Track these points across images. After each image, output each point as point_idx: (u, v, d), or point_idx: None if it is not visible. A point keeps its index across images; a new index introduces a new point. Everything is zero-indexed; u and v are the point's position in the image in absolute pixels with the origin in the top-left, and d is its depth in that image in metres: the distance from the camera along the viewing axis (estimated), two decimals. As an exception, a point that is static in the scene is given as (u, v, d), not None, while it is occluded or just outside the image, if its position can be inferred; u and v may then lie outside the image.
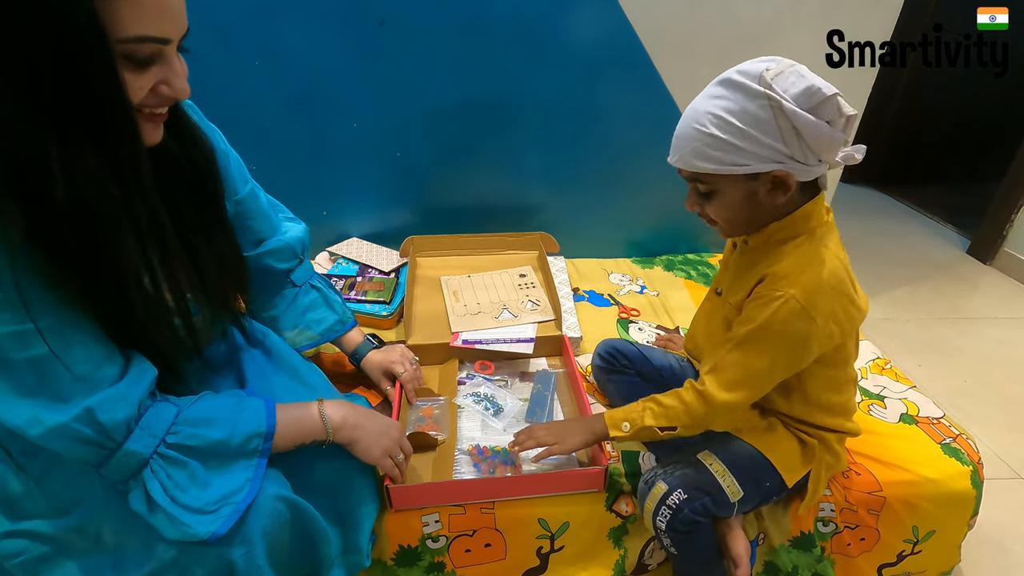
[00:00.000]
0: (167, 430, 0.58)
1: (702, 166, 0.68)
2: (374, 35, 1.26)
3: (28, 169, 0.46)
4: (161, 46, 0.50)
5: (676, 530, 0.78)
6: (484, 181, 1.49)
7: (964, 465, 0.96)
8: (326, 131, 1.35)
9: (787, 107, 0.62)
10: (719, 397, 0.74)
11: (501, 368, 1.13)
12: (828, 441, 0.83)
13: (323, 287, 0.98)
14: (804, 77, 0.63)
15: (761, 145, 0.65)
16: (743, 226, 0.75)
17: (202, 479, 0.59)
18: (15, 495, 0.60)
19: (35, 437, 0.52)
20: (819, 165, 0.68)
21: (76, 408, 0.52)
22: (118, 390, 0.55)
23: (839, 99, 0.63)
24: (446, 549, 0.86)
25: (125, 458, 0.56)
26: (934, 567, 1.01)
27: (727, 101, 0.65)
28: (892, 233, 2.59)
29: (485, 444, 0.94)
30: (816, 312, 0.69)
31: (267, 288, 0.93)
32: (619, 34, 1.32)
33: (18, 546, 0.59)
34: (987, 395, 1.62)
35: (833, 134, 0.64)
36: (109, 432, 0.54)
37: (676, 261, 1.60)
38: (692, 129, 0.68)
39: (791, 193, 0.69)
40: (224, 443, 0.61)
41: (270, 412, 0.66)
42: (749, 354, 0.73)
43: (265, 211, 0.88)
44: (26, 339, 0.50)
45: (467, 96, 1.36)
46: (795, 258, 0.71)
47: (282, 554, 0.67)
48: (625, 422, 0.80)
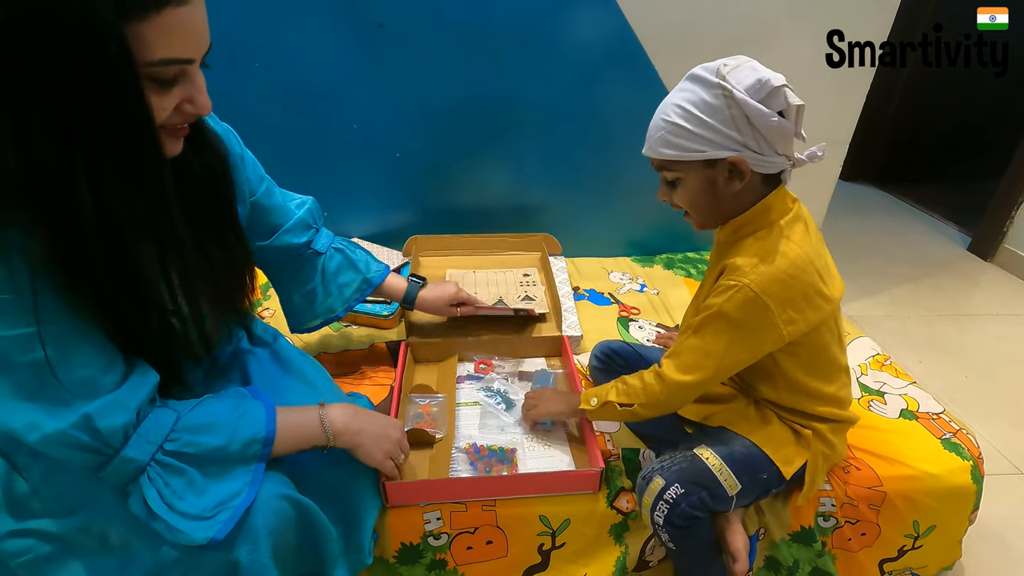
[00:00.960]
0: (165, 437, 0.58)
1: (665, 152, 0.74)
2: (374, 37, 1.26)
3: (54, 190, 0.47)
4: (185, 66, 0.51)
5: (674, 525, 0.78)
6: (484, 181, 1.49)
7: (964, 460, 0.96)
8: (327, 132, 1.36)
9: (738, 96, 0.67)
10: (675, 378, 0.78)
11: (501, 368, 1.14)
12: (822, 432, 0.83)
13: (346, 248, 0.99)
14: (756, 71, 0.68)
15: (716, 132, 0.70)
16: (707, 214, 0.78)
17: (200, 486, 0.59)
18: (21, 495, 0.60)
19: (33, 442, 0.52)
20: (777, 157, 0.71)
21: (75, 415, 0.53)
22: (117, 397, 0.55)
23: (786, 90, 0.67)
24: (448, 546, 0.86)
25: (122, 465, 0.56)
26: (935, 562, 1.02)
27: (689, 93, 0.71)
28: (893, 231, 2.59)
29: (482, 443, 0.94)
30: (770, 300, 0.71)
31: (295, 266, 0.95)
32: (618, 35, 1.33)
33: (24, 545, 0.60)
34: (987, 391, 1.62)
35: (782, 123, 0.68)
36: (106, 439, 0.54)
37: (676, 259, 1.61)
38: (660, 120, 0.74)
39: (747, 180, 0.72)
40: (223, 449, 0.61)
41: (270, 417, 0.65)
42: (705, 338, 0.76)
43: (280, 204, 0.90)
44: (30, 343, 0.50)
45: (467, 97, 1.37)
46: (755, 249, 0.74)
47: (287, 552, 0.67)
48: (594, 397, 0.86)
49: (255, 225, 0.87)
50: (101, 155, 0.48)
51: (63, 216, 0.48)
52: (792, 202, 0.77)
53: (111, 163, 0.49)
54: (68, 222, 0.48)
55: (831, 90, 1.37)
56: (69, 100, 0.45)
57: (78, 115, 0.46)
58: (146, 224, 0.53)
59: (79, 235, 0.49)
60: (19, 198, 0.47)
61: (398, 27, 1.26)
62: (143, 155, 0.51)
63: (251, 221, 0.84)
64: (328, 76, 1.29)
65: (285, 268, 0.96)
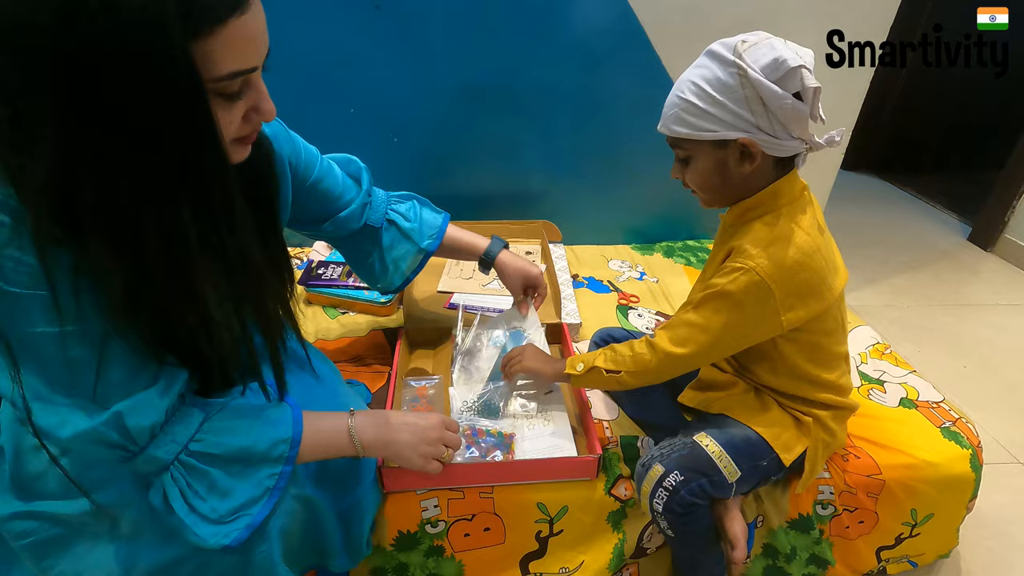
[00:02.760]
0: (191, 438, 0.58)
1: (677, 130, 0.72)
2: (371, 19, 1.24)
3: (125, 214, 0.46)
4: (249, 75, 0.49)
5: (673, 512, 0.78)
6: (483, 167, 1.48)
7: (964, 448, 0.96)
8: (323, 117, 1.34)
9: (752, 75, 0.65)
10: (667, 348, 0.78)
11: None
12: (822, 419, 0.83)
13: (399, 218, 0.96)
14: (774, 49, 0.66)
15: (729, 112, 0.68)
16: (716, 194, 0.77)
17: (223, 487, 0.58)
18: (30, 475, 0.59)
19: (65, 439, 0.52)
20: (791, 140, 0.69)
21: (106, 412, 0.52)
22: (148, 396, 0.55)
23: (804, 71, 0.65)
24: (445, 533, 0.86)
25: (146, 462, 0.56)
26: (932, 550, 1.02)
27: (705, 70, 0.69)
28: (893, 220, 2.58)
29: (480, 426, 0.94)
30: (775, 285, 0.71)
31: (355, 243, 0.95)
32: (621, 20, 1.31)
33: (28, 527, 0.58)
34: (986, 381, 1.62)
35: (797, 106, 0.66)
36: (134, 437, 0.54)
37: (675, 247, 1.60)
38: (675, 96, 0.72)
39: (758, 163, 0.70)
40: (248, 449, 0.60)
41: (296, 420, 0.64)
42: (704, 314, 0.76)
43: (339, 186, 0.89)
44: (66, 341, 0.50)
45: (466, 81, 1.35)
46: (763, 234, 0.73)
47: (293, 548, 0.67)
48: (580, 363, 0.85)
49: (314, 210, 0.87)
50: (169, 182, 0.47)
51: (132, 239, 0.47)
52: (802, 188, 0.76)
53: (181, 191, 0.48)
54: (136, 245, 0.47)
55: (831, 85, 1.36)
56: (141, 126, 0.44)
57: (150, 141, 0.45)
58: (213, 246, 0.52)
59: (145, 257, 0.48)
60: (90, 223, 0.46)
61: (395, 8, 1.24)
62: (213, 182, 0.50)
63: (310, 207, 0.84)
64: (324, 59, 1.27)
65: (345, 244, 0.96)
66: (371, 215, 0.93)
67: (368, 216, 0.93)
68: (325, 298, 1.26)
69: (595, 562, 0.90)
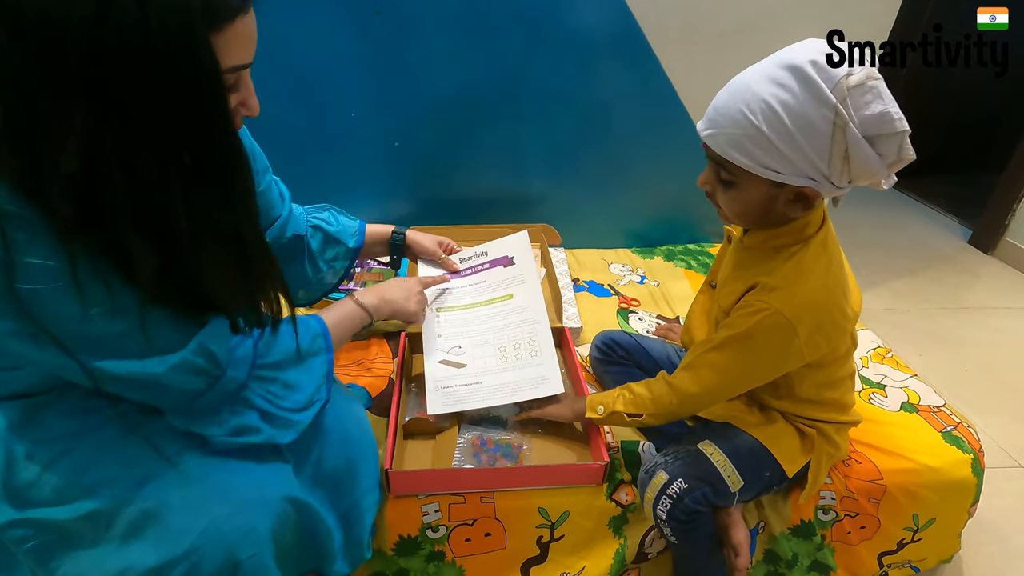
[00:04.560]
0: (254, 355, 0.64)
1: (736, 157, 0.63)
2: (371, 24, 1.24)
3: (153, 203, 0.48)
4: (243, 71, 0.53)
5: (677, 519, 0.78)
6: (483, 171, 1.48)
7: (965, 453, 0.96)
8: (323, 121, 1.35)
9: (851, 131, 0.57)
10: (689, 390, 0.77)
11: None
12: (827, 432, 0.82)
13: (321, 223, 0.99)
14: (882, 99, 0.57)
15: (804, 158, 0.60)
16: (747, 222, 0.73)
17: (293, 384, 0.67)
18: (23, 484, 0.59)
19: (160, 374, 0.56)
20: (847, 187, 0.64)
21: (190, 343, 0.57)
22: (215, 326, 0.59)
23: (906, 138, 0.57)
24: (446, 538, 0.86)
25: (227, 383, 0.61)
26: (934, 555, 1.02)
27: (789, 95, 0.58)
28: (893, 223, 2.58)
29: (489, 436, 0.94)
30: (800, 326, 0.69)
31: (285, 254, 0.96)
32: (620, 23, 1.31)
33: (26, 534, 0.59)
34: (988, 384, 1.62)
35: (879, 167, 0.59)
36: (219, 360, 0.59)
37: (676, 251, 1.60)
38: (739, 112, 0.61)
39: (811, 208, 0.67)
40: (295, 351, 0.69)
41: (316, 318, 0.74)
42: (727, 357, 0.74)
43: (275, 195, 0.91)
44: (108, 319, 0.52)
45: (466, 85, 1.35)
46: (787, 269, 0.70)
47: (287, 551, 0.67)
48: (600, 405, 0.85)
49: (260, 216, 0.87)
50: (194, 171, 0.49)
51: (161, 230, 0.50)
52: (823, 215, 0.72)
53: (204, 174, 0.50)
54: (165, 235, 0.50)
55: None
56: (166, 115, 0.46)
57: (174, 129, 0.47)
58: (231, 236, 0.55)
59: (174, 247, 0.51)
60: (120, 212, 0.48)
61: (395, 13, 1.24)
62: (232, 167, 0.53)
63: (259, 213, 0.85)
64: (324, 64, 1.27)
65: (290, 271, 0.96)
66: (296, 224, 0.96)
67: (295, 226, 0.95)
68: (325, 302, 1.25)
69: (596, 567, 0.90)
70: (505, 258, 1.09)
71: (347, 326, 0.81)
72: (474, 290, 1.06)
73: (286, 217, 0.93)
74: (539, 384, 0.91)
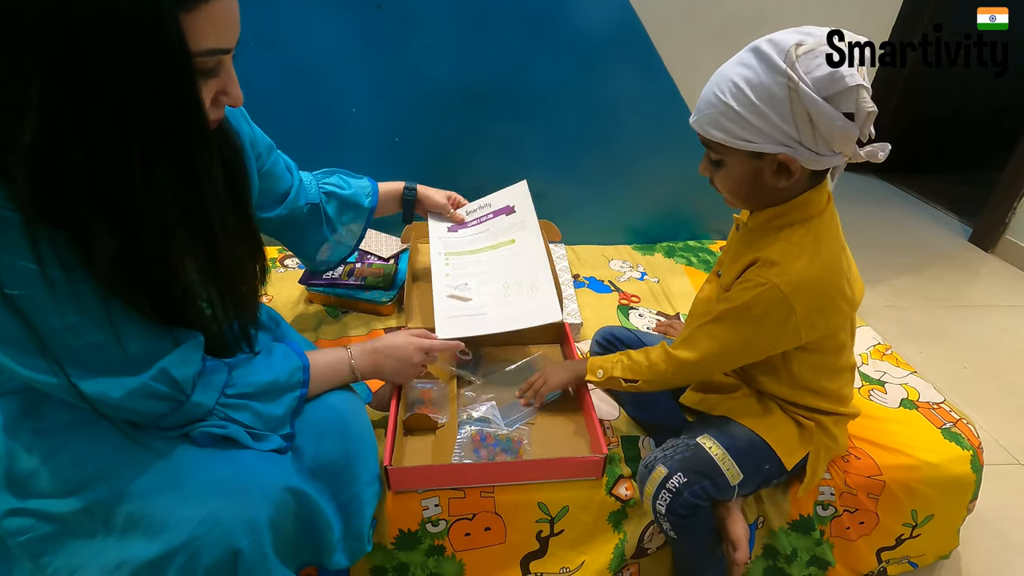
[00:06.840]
0: (224, 383, 0.64)
1: (713, 134, 0.68)
2: (372, 18, 1.24)
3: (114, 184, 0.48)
4: (223, 56, 0.51)
5: (676, 513, 0.78)
6: (484, 167, 1.47)
7: (964, 450, 0.96)
8: (324, 116, 1.34)
9: (803, 91, 0.60)
10: (684, 358, 0.78)
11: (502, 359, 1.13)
12: (825, 424, 0.83)
13: (334, 189, 1.02)
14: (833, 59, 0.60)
15: (772, 125, 0.63)
16: (745, 200, 0.75)
17: (263, 415, 0.67)
18: (23, 473, 0.59)
19: (117, 399, 0.56)
20: (833, 156, 0.66)
21: (151, 369, 0.57)
22: (183, 351, 0.60)
23: (862, 91, 0.60)
24: (446, 533, 0.86)
25: (192, 409, 0.61)
26: (932, 551, 1.02)
27: (749, 71, 0.63)
28: (894, 221, 2.58)
29: (489, 431, 0.94)
30: (798, 303, 0.69)
31: (302, 224, 0.99)
32: (622, 18, 1.31)
33: (23, 524, 0.59)
34: (987, 382, 1.62)
35: (847, 127, 0.61)
36: (182, 386, 0.59)
37: (677, 248, 1.60)
38: (712, 94, 0.67)
39: (795, 178, 0.68)
40: (274, 382, 0.68)
41: (299, 351, 0.73)
42: (724, 329, 0.75)
43: (283, 169, 0.92)
44: (79, 331, 0.53)
45: (467, 81, 1.35)
46: (788, 246, 0.71)
47: (286, 542, 0.67)
48: (600, 369, 0.88)
49: (266, 195, 0.90)
50: (157, 148, 0.48)
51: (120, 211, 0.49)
52: (828, 199, 0.73)
53: (166, 157, 0.49)
54: (124, 217, 0.49)
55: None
56: (128, 93, 0.45)
57: (136, 108, 0.46)
58: (197, 220, 0.55)
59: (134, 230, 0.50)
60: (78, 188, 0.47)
61: (396, 8, 1.24)
62: (197, 146, 0.52)
63: (262, 193, 0.87)
64: (325, 58, 1.27)
65: (292, 228, 0.99)
66: (306, 192, 0.98)
67: (307, 195, 0.97)
68: (325, 297, 1.26)
69: (596, 562, 0.90)
70: (507, 207, 1.20)
71: (329, 376, 0.78)
72: (479, 238, 1.17)
73: (297, 187, 0.95)
74: (539, 313, 1.00)
